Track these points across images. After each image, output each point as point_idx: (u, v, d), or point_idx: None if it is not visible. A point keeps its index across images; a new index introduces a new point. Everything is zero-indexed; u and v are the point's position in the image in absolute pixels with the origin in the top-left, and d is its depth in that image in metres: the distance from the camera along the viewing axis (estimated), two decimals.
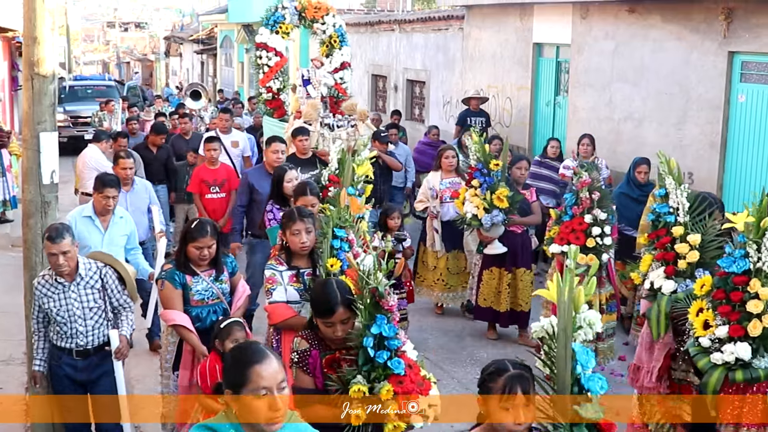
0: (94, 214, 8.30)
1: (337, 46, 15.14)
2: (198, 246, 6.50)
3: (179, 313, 6.52)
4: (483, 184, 9.94)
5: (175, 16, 67.07)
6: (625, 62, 13.35)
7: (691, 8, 11.88)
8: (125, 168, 9.90)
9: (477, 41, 17.90)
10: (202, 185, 11.71)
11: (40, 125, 7.27)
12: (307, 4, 14.82)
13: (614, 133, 13.40)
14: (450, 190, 10.87)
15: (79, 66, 69.81)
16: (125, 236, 8.53)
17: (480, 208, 9.92)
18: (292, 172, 8.73)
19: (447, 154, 11.10)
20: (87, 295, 6.66)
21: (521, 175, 10.37)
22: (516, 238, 10.30)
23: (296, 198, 7.47)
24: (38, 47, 7.18)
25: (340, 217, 6.35)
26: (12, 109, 25.20)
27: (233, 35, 37.29)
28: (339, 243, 6.16)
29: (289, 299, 6.34)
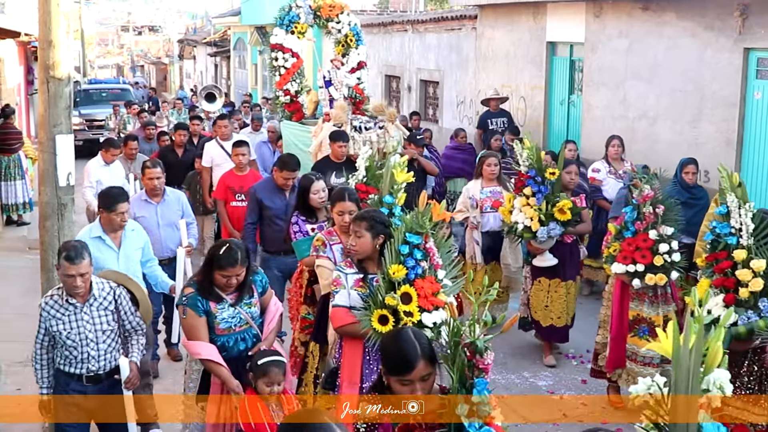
0: (104, 233, 7.56)
1: (353, 45, 14.65)
2: (226, 275, 5.92)
3: (205, 344, 5.96)
4: (537, 194, 9.22)
5: (188, 19, 67.28)
6: (639, 60, 13.32)
7: (706, 5, 11.84)
8: (152, 178, 9.19)
9: (490, 41, 17.89)
10: (227, 192, 11.13)
11: (55, 128, 7.32)
12: (321, 2, 14.37)
13: (629, 131, 13.36)
14: (491, 200, 10.28)
15: (94, 70, 70.07)
16: (140, 249, 7.85)
17: (534, 220, 9.21)
18: (320, 182, 8.21)
19: (489, 161, 10.40)
20: (100, 317, 6.22)
21: (571, 180, 9.57)
22: (565, 249, 9.60)
23: (333, 203, 7.08)
24: (53, 50, 7.23)
25: (417, 222, 5.85)
26: (28, 112, 25.33)
27: (246, 37, 37.36)
28: (408, 249, 5.71)
29: (353, 304, 5.91)
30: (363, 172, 7.72)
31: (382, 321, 5.53)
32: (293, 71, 14.06)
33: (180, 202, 9.52)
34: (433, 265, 5.74)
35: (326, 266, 6.74)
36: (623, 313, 8.23)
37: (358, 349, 5.90)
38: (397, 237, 5.77)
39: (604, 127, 14.00)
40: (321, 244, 6.90)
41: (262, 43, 33.98)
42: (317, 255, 6.88)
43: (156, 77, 67.79)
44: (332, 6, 14.44)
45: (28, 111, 25.56)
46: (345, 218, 6.83)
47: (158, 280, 8.07)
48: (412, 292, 5.52)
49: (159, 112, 23.03)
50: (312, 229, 8.00)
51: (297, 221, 8.16)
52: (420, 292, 5.51)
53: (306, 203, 8.18)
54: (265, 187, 9.69)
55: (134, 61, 79.74)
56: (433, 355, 3.98)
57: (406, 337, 4.04)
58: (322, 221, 8.07)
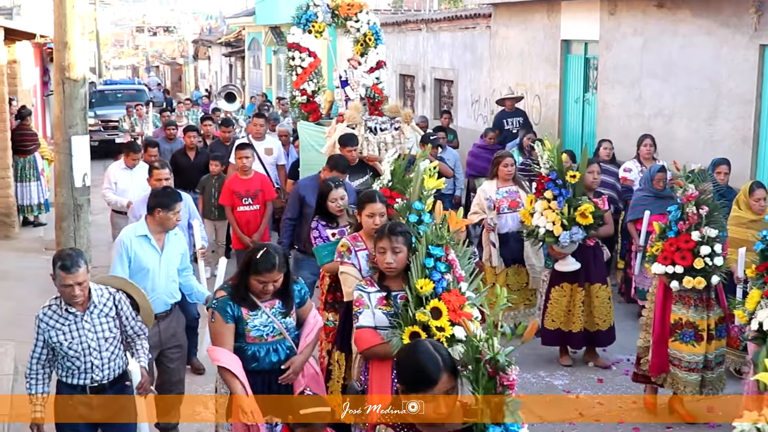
0: (150, 233, 7.38)
1: (372, 44, 14.28)
2: (262, 280, 5.63)
3: (227, 353, 5.66)
4: (558, 197, 9.00)
5: (203, 20, 67.40)
6: (654, 58, 13.27)
7: (721, 2, 11.79)
8: (160, 179, 8.97)
9: (504, 39, 17.85)
10: (233, 197, 11.00)
11: (71, 129, 7.37)
12: (340, 1, 14.08)
13: (644, 129, 13.30)
14: (507, 200, 10.10)
15: (109, 71, 70.29)
16: (180, 255, 7.64)
17: (557, 224, 8.98)
18: (339, 190, 8.03)
19: (505, 161, 10.19)
20: (101, 325, 6.01)
21: (593, 180, 9.47)
22: (587, 251, 9.35)
23: (362, 205, 6.79)
24: (69, 52, 7.27)
25: (437, 233, 5.71)
26: (44, 113, 25.44)
27: (261, 37, 37.38)
28: (433, 262, 5.54)
29: (378, 324, 5.71)
30: (388, 176, 7.45)
31: (413, 338, 5.29)
32: (310, 71, 13.81)
33: (186, 204, 9.12)
34: (456, 277, 5.59)
35: (351, 273, 6.57)
36: (665, 316, 8.04)
37: (386, 371, 5.70)
38: (421, 250, 5.60)
39: (619, 126, 13.97)
40: (346, 250, 6.68)
41: (277, 43, 34.01)
42: (341, 261, 6.67)
43: (171, 78, 67.97)
44: (351, 5, 14.16)
45: (44, 112, 25.68)
46: (376, 220, 6.63)
47: (193, 290, 7.81)
48: (442, 307, 5.40)
49: (177, 112, 22.77)
50: (332, 235, 7.87)
51: (317, 226, 8.01)
52: (448, 305, 5.39)
53: (325, 208, 8.03)
54: (309, 185, 9.55)
55: (149, 61, 79.96)
56: (455, 367, 3.74)
57: (425, 349, 3.75)
58: (342, 226, 7.94)
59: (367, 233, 6.71)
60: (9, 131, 15.16)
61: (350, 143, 10.70)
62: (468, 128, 17.84)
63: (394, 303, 5.70)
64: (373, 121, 12.49)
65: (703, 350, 7.85)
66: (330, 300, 7.73)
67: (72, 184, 7.46)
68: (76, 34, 7.28)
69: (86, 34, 7.54)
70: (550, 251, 9.36)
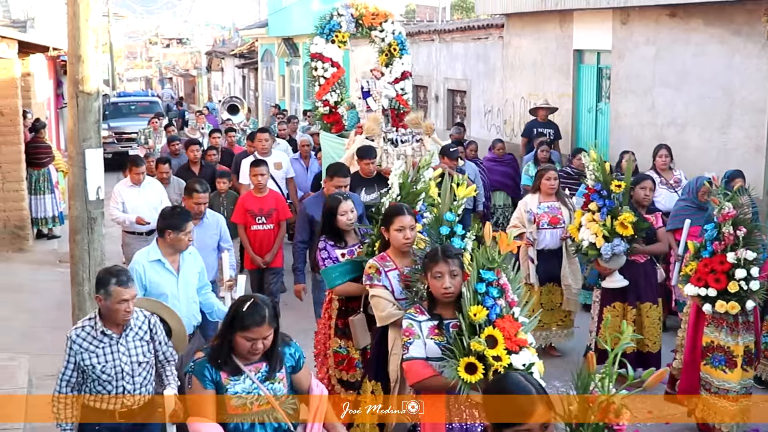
0: (163, 256, 7.20)
1: (397, 54, 13.99)
2: (250, 337, 4.77)
3: (210, 426, 4.76)
4: (602, 209, 8.69)
5: (216, 31, 67.60)
6: (667, 67, 13.25)
7: (733, 11, 11.77)
8: (200, 203, 8.82)
9: (517, 49, 17.85)
10: (246, 215, 10.55)
11: (85, 142, 7.38)
12: (364, 10, 13.75)
13: (657, 138, 13.28)
14: (548, 215, 9.78)
15: (123, 83, 70.54)
16: (197, 274, 7.47)
17: (599, 236, 8.67)
18: (347, 202, 7.53)
19: (549, 175, 9.87)
20: (136, 348, 5.85)
21: (645, 196, 8.95)
22: (638, 269, 8.97)
23: (390, 220, 6.41)
24: (82, 65, 7.29)
25: (488, 255, 5.40)
26: (57, 126, 25.52)
27: (274, 49, 37.48)
28: (485, 287, 5.26)
29: (429, 355, 5.32)
30: (397, 190, 7.22)
31: (469, 370, 5.09)
32: (333, 81, 13.54)
33: (218, 226, 9.10)
34: (508, 302, 5.33)
35: (383, 296, 6.22)
36: (697, 339, 7.77)
37: (440, 405, 5.36)
38: (473, 275, 5.31)
39: (632, 135, 13.95)
40: (375, 272, 6.31)
41: (290, 55, 34.10)
42: (371, 284, 6.30)
43: (184, 89, 68.19)
44: (375, 14, 13.86)
45: (58, 125, 25.75)
46: (407, 234, 6.31)
47: (214, 308, 7.60)
48: (497, 335, 5.12)
49: (193, 124, 22.22)
50: (342, 255, 7.40)
51: (325, 246, 7.47)
52: (504, 333, 5.13)
53: (333, 226, 7.52)
54: (315, 202, 9.09)
55: (162, 73, 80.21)
56: (549, 399, 3.50)
57: (516, 380, 3.53)
58: (352, 245, 7.52)
59: (396, 250, 6.42)
60: (23, 144, 15.24)
61: (368, 155, 10.44)
62: (481, 138, 17.78)
63: (446, 332, 5.35)
64: (394, 133, 12.17)
65: (737, 377, 7.50)
66: (341, 326, 7.32)
67: (86, 197, 7.46)
68: (89, 47, 7.30)
69: (100, 47, 7.57)
70: (596, 267, 8.97)
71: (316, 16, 14.23)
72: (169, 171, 12.25)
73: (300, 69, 33.92)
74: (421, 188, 7.26)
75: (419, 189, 7.24)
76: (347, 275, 7.11)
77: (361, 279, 6.70)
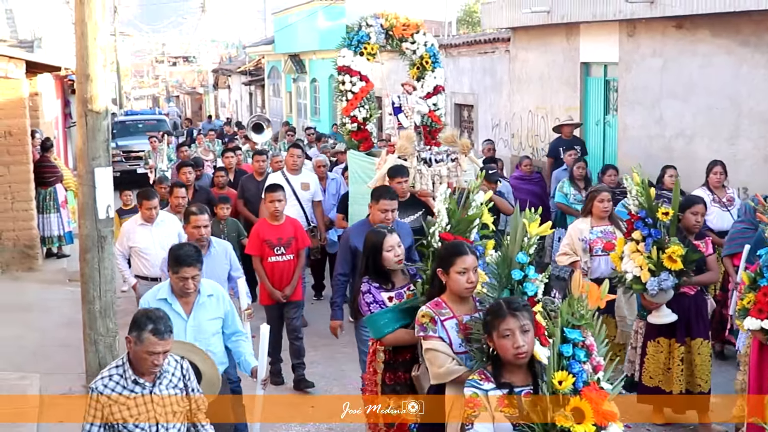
0: (172, 295, 6.46)
1: (430, 67, 13.15)
2: None
3: None
4: (647, 238, 7.75)
5: (222, 49, 67.76)
6: (674, 78, 13.24)
7: (739, 21, 11.77)
8: (198, 226, 8.07)
9: (524, 63, 17.87)
10: (263, 246, 9.63)
11: (94, 161, 7.40)
12: (395, 20, 12.90)
13: (665, 150, 13.28)
14: (602, 241, 8.95)
15: (130, 101, 70.75)
16: (218, 319, 6.62)
17: (644, 270, 7.75)
18: (393, 237, 6.56)
19: (602, 196, 9.02)
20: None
21: (696, 223, 8.06)
22: (688, 302, 8.03)
23: (449, 261, 5.55)
24: (91, 84, 7.31)
25: (575, 310, 4.75)
26: (66, 145, 25.61)
27: (280, 66, 37.60)
28: (571, 349, 4.59)
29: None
30: (445, 218, 6.41)
31: None
32: (362, 96, 12.62)
33: (227, 255, 8.46)
34: (594, 366, 4.67)
35: (440, 349, 5.41)
36: (762, 380, 6.91)
37: None
38: (557, 335, 4.65)
39: (640, 147, 13.93)
40: (429, 321, 5.48)
41: (296, 71, 34.19)
42: (425, 335, 5.49)
43: (191, 107, 68.35)
44: (406, 25, 13.04)
45: (66, 144, 25.85)
46: (470, 277, 5.50)
47: (241, 358, 6.77)
48: (585, 407, 4.42)
49: (206, 143, 21.24)
50: (389, 299, 6.45)
51: (369, 289, 6.47)
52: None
53: (378, 265, 6.52)
54: (359, 231, 7.86)
55: (169, 91, 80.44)
56: None
57: None
58: (400, 287, 6.55)
59: (453, 295, 5.59)
60: (32, 164, 15.28)
61: (399, 174, 9.73)
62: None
63: (518, 403, 4.60)
64: (428, 152, 11.35)
65: None
66: (389, 381, 6.46)
67: (96, 215, 7.46)
68: (98, 66, 7.32)
69: (108, 66, 7.59)
70: (642, 300, 8.12)
71: (322, 33, 14.01)
72: (186, 196, 10.94)
73: (307, 85, 34.04)
74: (474, 214, 6.51)
75: (471, 215, 6.49)
76: (396, 322, 6.33)
77: (410, 326, 6.09)
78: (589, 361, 4.62)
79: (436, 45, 13.45)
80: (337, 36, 13.73)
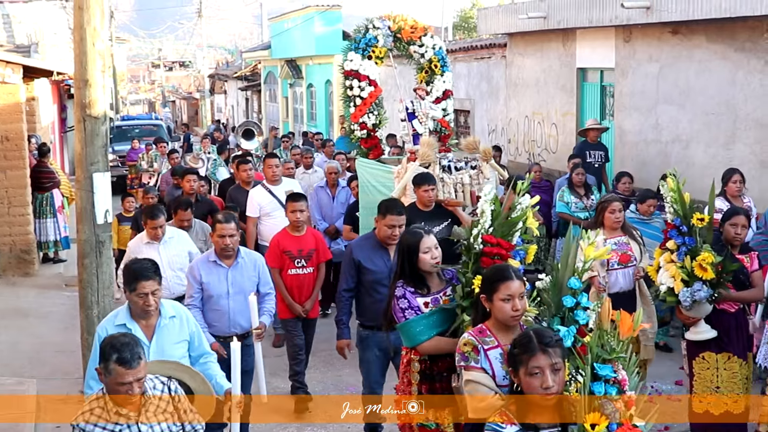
0: (130, 320, 5.90)
1: (438, 72, 12.94)
2: None
3: None
4: (681, 247, 7.28)
5: (219, 54, 67.79)
6: (670, 84, 13.27)
7: (735, 27, 11.80)
8: (224, 236, 7.53)
9: (520, 68, 17.90)
10: (283, 258, 9.07)
11: (92, 166, 7.40)
12: (402, 23, 12.59)
13: (662, 155, 13.31)
14: (617, 253, 8.44)
15: (126, 106, 70.76)
16: (184, 342, 6.11)
17: (677, 279, 7.25)
18: (430, 238, 6.15)
19: (613, 207, 8.50)
20: (160, 425, 4.89)
21: (737, 235, 7.48)
22: (728, 320, 7.44)
23: (492, 286, 5.04)
24: (90, 90, 7.32)
25: (603, 343, 4.40)
26: (62, 150, 25.61)
27: (277, 71, 37.62)
28: (603, 387, 4.23)
29: None
30: (489, 220, 6.01)
31: None
32: (370, 101, 12.27)
33: (257, 267, 7.86)
34: (626, 402, 4.30)
35: (482, 382, 4.90)
36: None
37: None
38: (587, 373, 4.31)
39: (636, 152, 13.96)
40: (471, 350, 4.98)
41: (293, 76, 34.21)
42: (466, 365, 4.96)
43: (188, 112, 68.35)
44: (414, 28, 12.75)
45: (62, 149, 25.85)
46: (516, 304, 4.96)
47: (212, 381, 6.04)
48: None
49: (197, 150, 20.28)
50: (425, 304, 6.00)
51: (404, 293, 6.04)
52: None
53: (414, 268, 6.10)
54: (363, 245, 7.68)
55: (165, 96, 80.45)
56: None
57: None
58: (436, 292, 6.10)
59: (498, 323, 5.08)
60: (28, 169, 15.28)
61: (426, 182, 9.26)
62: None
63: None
64: (447, 159, 10.83)
65: None
66: (425, 390, 6.03)
67: (94, 221, 7.46)
68: (96, 71, 7.33)
69: (106, 71, 7.60)
70: (678, 316, 7.61)
71: (319, 38, 13.83)
72: (191, 217, 9.99)
73: (303, 90, 34.06)
74: (518, 217, 6.09)
75: (514, 218, 6.08)
76: (434, 329, 5.90)
77: (447, 333, 5.84)
78: (620, 401, 4.25)
79: (444, 48, 13.09)
80: (333, 41, 13.67)
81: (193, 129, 41.15)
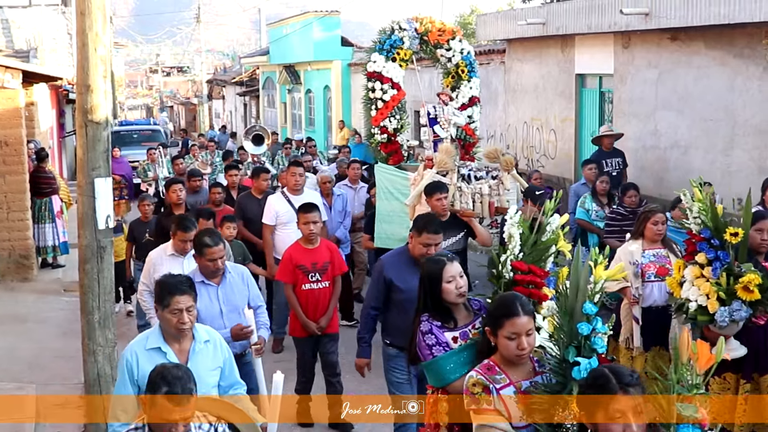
0: (165, 343, 5.40)
1: (466, 77, 12.31)
2: None
3: None
4: (715, 262, 6.69)
5: (217, 59, 67.81)
6: (669, 90, 13.30)
7: (734, 34, 11.83)
8: (214, 259, 7.05)
9: (519, 74, 17.93)
10: (296, 272, 8.47)
11: (94, 171, 7.39)
12: (430, 25, 12.10)
13: (660, 161, 13.34)
14: (655, 265, 8.09)
15: (124, 111, 70.76)
16: (218, 369, 5.59)
17: (712, 298, 6.65)
18: (455, 265, 5.52)
19: (656, 218, 8.18)
20: None
21: (762, 241, 7.03)
22: (757, 334, 6.95)
23: (497, 322, 4.63)
24: (92, 95, 7.31)
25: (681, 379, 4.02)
26: (60, 155, 25.61)
27: (275, 76, 37.67)
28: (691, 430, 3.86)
29: None
30: (518, 245, 5.61)
31: None
32: (393, 105, 11.76)
33: (245, 280, 7.40)
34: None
35: (498, 426, 4.47)
36: None
37: None
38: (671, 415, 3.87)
39: (635, 158, 13.98)
40: (482, 390, 4.51)
41: (291, 82, 34.24)
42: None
43: (185, 117, 68.35)
44: (442, 30, 12.22)
45: (61, 154, 25.85)
46: (521, 343, 4.53)
47: None
48: None
49: (204, 156, 19.81)
50: (453, 339, 5.36)
51: (431, 328, 5.39)
52: None
53: (437, 299, 5.48)
54: (394, 262, 7.18)
55: (163, 101, 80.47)
56: None
57: None
58: (464, 325, 5.45)
59: (508, 360, 4.64)
60: (27, 174, 15.28)
61: (438, 190, 8.83)
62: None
63: None
64: (467, 168, 10.50)
65: None
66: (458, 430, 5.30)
67: (95, 226, 7.43)
68: (98, 76, 7.33)
69: (108, 77, 7.60)
70: (705, 332, 6.86)
71: (317, 44, 13.75)
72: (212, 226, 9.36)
73: (302, 96, 34.09)
74: (550, 239, 5.73)
75: (545, 242, 5.69)
76: (465, 366, 5.11)
77: None
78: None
79: (473, 53, 12.72)
80: (332, 47, 13.55)
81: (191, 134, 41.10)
